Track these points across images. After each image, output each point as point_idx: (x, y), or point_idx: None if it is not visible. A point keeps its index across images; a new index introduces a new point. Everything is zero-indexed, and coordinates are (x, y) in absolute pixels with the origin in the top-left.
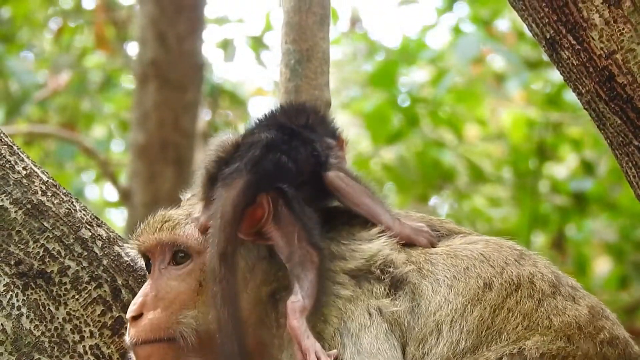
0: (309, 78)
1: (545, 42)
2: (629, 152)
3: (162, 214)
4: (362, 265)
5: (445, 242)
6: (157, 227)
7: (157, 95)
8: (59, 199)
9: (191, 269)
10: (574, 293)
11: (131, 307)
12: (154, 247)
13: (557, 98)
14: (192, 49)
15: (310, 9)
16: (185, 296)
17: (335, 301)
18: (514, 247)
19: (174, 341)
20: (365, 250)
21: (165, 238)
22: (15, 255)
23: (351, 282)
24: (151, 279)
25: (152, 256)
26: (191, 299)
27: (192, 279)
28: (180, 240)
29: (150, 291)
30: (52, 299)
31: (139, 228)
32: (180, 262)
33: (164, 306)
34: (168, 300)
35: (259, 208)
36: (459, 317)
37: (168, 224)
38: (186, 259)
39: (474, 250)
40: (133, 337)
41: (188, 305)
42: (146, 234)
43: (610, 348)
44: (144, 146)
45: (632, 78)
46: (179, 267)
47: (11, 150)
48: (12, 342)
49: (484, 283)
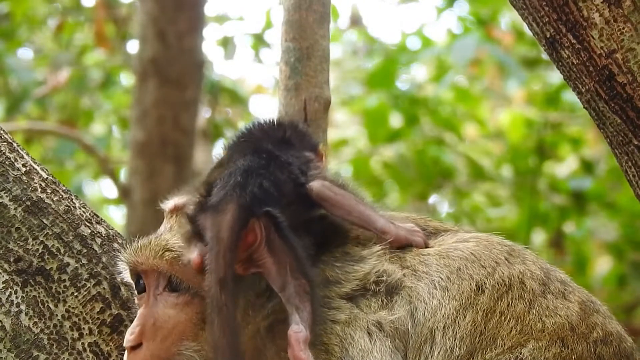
0: (308, 76)
1: (546, 41)
2: (628, 152)
3: (165, 241)
4: (356, 286)
5: (434, 240)
6: (157, 253)
7: (157, 92)
8: (59, 196)
9: (189, 300)
10: (564, 288)
11: (129, 336)
12: (150, 272)
13: (556, 98)
14: (192, 46)
15: (311, 7)
16: (185, 327)
17: (334, 328)
18: (504, 243)
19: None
20: (359, 270)
21: (164, 268)
22: (15, 252)
23: (347, 304)
24: (146, 305)
25: (146, 278)
26: (191, 331)
27: (191, 311)
28: (179, 274)
29: (148, 319)
30: (51, 296)
31: (136, 244)
32: (175, 288)
33: (163, 336)
34: (167, 329)
35: (251, 232)
36: (452, 322)
37: (169, 254)
38: (182, 285)
39: (465, 250)
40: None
41: (188, 336)
42: (144, 256)
43: (605, 346)
44: (143, 144)
45: (632, 77)
46: (176, 295)
47: (11, 147)
48: (11, 339)
49: (477, 285)
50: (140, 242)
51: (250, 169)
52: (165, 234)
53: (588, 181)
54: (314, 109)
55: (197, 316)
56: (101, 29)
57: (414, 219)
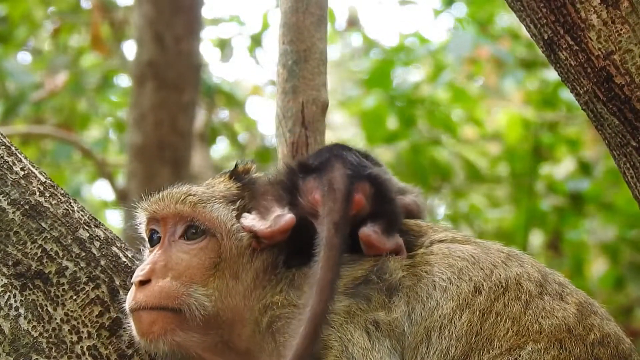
0: (306, 79)
1: (543, 43)
2: (626, 153)
3: (187, 188)
4: (357, 279)
5: (432, 238)
6: (179, 198)
7: (154, 95)
8: (57, 200)
9: (204, 246)
10: (562, 290)
11: (138, 272)
12: (171, 217)
13: (553, 98)
14: (189, 49)
15: (308, 10)
16: (196, 271)
17: (333, 319)
18: (501, 249)
19: (180, 313)
20: (363, 264)
21: (186, 211)
22: (13, 256)
23: (346, 299)
24: (160, 248)
25: (163, 225)
26: (202, 275)
27: (205, 256)
28: (200, 217)
29: (159, 260)
30: (50, 300)
31: (155, 195)
32: (191, 237)
33: (174, 276)
34: (178, 271)
35: (359, 193)
36: (448, 322)
37: (191, 198)
38: (198, 236)
39: (466, 252)
40: (139, 301)
41: (198, 280)
42: (165, 203)
43: (602, 348)
44: (141, 147)
45: (630, 79)
46: (191, 242)
47: (9, 150)
48: (9, 342)
49: (474, 287)
50: (162, 192)
51: (337, 145)
52: (184, 185)
53: (585, 182)
54: (311, 112)
55: (209, 261)
56: (97, 32)
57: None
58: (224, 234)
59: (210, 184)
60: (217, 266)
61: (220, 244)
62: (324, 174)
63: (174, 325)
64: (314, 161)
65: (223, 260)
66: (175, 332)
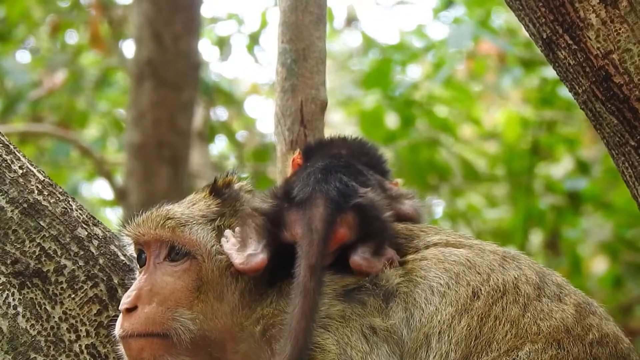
0: (305, 77)
1: (542, 42)
2: (625, 152)
3: (165, 210)
4: (351, 283)
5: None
6: (158, 223)
7: (153, 94)
8: (55, 198)
9: (187, 268)
10: (560, 291)
11: (125, 299)
12: (152, 242)
13: (551, 96)
14: (188, 48)
15: (307, 9)
16: (181, 294)
17: (329, 324)
18: (495, 250)
19: (167, 338)
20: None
21: (165, 236)
22: (12, 254)
23: (341, 304)
24: (145, 272)
25: (147, 249)
26: (187, 298)
27: (188, 278)
28: (180, 240)
29: (145, 285)
30: (48, 298)
31: (138, 218)
32: (175, 259)
33: (159, 301)
34: (163, 295)
35: (342, 228)
36: (447, 327)
37: (169, 222)
38: (182, 257)
39: (461, 256)
40: (127, 329)
41: (184, 304)
42: (146, 227)
43: (601, 348)
44: (139, 145)
45: (629, 78)
46: (175, 264)
47: (7, 149)
48: (8, 341)
49: (473, 291)
50: (142, 216)
51: (327, 167)
52: (166, 205)
53: (583, 182)
54: (310, 110)
55: (192, 283)
56: (96, 31)
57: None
58: (204, 255)
59: (192, 200)
60: (199, 288)
61: (201, 265)
62: (306, 209)
63: (162, 351)
64: (298, 192)
65: (206, 282)
66: (164, 357)
